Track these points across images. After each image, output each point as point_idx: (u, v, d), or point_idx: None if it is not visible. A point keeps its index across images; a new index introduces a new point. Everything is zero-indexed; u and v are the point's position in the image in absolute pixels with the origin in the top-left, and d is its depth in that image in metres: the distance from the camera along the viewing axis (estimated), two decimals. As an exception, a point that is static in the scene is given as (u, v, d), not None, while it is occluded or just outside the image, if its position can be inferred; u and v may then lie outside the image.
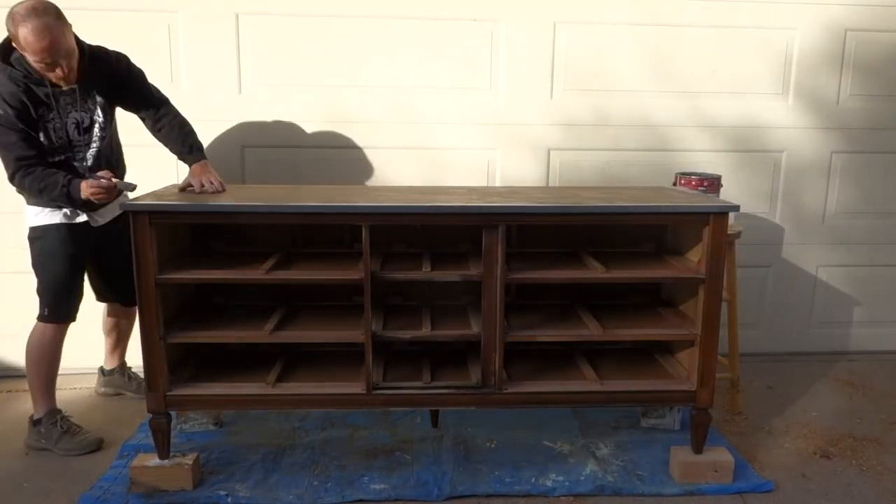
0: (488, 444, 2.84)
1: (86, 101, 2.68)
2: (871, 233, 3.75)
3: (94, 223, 2.78)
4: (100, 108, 2.71)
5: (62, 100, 2.61)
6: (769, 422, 3.11)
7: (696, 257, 2.62)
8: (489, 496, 2.52)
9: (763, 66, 3.50)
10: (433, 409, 2.89)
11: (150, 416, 2.49)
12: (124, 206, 2.39)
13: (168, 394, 2.48)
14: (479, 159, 3.47)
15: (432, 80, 3.37)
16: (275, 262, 2.59)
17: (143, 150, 2.97)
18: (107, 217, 2.81)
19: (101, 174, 2.57)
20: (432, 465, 2.67)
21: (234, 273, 2.54)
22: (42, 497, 2.50)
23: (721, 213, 2.46)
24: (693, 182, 3.05)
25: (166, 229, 2.47)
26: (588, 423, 3.01)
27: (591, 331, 2.60)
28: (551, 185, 3.51)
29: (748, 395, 3.34)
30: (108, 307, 3.15)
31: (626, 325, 2.67)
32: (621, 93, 3.47)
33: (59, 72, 2.51)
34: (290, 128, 3.36)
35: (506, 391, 2.55)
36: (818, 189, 3.67)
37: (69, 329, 2.84)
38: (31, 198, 2.70)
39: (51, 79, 2.54)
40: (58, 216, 2.70)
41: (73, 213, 2.72)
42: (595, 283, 2.76)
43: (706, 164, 3.54)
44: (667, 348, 2.88)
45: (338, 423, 2.97)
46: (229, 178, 3.30)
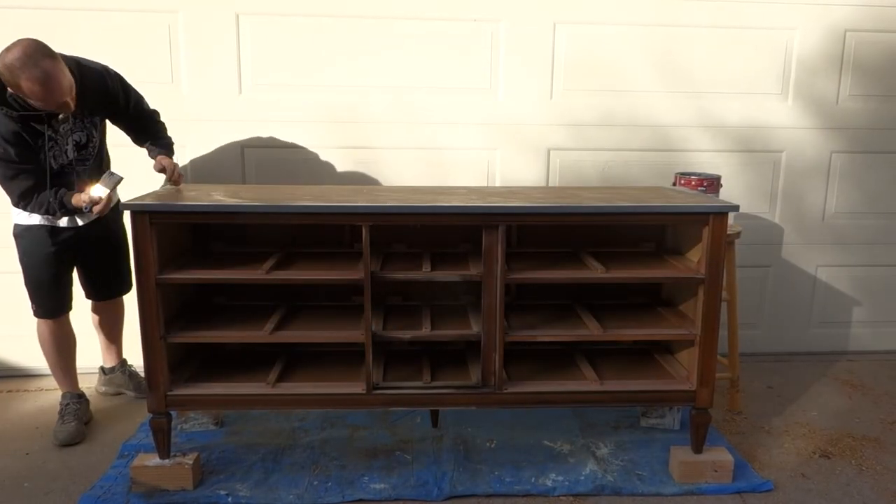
0: (488, 443, 2.84)
1: (83, 121, 2.72)
2: (871, 233, 3.75)
3: (78, 222, 2.82)
4: (96, 124, 2.77)
5: (61, 128, 2.65)
6: (769, 421, 3.11)
7: (695, 257, 2.62)
8: (489, 496, 2.52)
9: (763, 67, 3.50)
10: (433, 408, 2.89)
11: (150, 415, 2.50)
12: (125, 206, 2.39)
13: (168, 394, 2.48)
14: (479, 159, 3.47)
15: (432, 80, 3.37)
16: (275, 262, 2.59)
17: (142, 149, 2.97)
18: (91, 217, 2.83)
19: (94, 201, 2.57)
20: (432, 465, 2.67)
21: (235, 273, 2.54)
22: (42, 497, 2.51)
23: (721, 213, 2.46)
24: (693, 182, 3.05)
25: (167, 229, 2.47)
26: (588, 422, 3.01)
27: (590, 331, 2.60)
28: (551, 185, 3.51)
29: (748, 394, 3.34)
30: (91, 304, 3.16)
31: (625, 325, 2.67)
32: (621, 93, 3.47)
33: (66, 108, 2.53)
34: (290, 128, 3.36)
35: (506, 391, 2.55)
36: (818, 189, 3.67)
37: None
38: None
39: (56, 113, 2.56)
40: (37, 217, 2.73)
41: (56, 217, 2.75)
42: (595, 283, 2.76)
43: (706, 164, 3.54)
44: (667, 348, 2.89)
45: (338, 423, 2.97)
46: (229, 178, 3.32)
